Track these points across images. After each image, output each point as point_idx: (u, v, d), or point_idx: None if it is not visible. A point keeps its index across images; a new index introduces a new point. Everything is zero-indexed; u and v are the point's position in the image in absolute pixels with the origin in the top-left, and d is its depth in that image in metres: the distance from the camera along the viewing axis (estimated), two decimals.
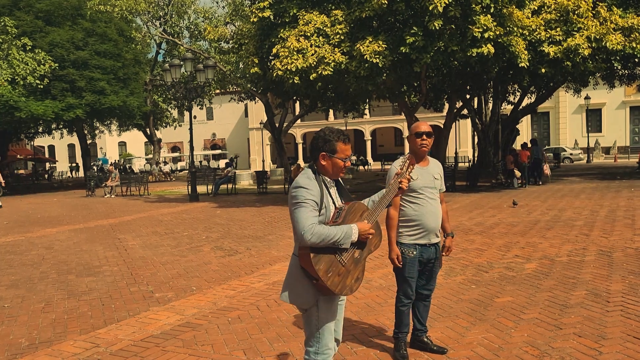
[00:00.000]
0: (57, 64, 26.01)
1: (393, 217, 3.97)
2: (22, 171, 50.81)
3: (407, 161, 3.25)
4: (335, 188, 3.06)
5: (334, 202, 2.95)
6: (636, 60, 19.84)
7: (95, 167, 34.07)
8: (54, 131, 41.12)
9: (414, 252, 3.99)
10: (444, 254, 4.23)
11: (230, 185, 22.99)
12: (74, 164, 54.09)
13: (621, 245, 8.01)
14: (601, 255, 7.46)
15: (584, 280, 6.18)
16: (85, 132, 39.52)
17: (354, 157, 40.06)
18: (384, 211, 3.14)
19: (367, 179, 28.96)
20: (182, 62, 20.07)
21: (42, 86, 25.19)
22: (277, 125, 30.50)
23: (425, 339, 4.34)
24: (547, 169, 21.40)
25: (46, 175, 48.81)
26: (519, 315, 5.07)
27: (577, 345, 4.26)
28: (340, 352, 4.33)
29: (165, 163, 44.32)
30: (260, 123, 41.18)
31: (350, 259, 2.89)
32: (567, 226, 10.05)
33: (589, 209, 12.39)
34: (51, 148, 64.14)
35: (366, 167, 41.75)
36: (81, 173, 47.29)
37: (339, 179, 3.10)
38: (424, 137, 3.97)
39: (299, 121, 40.42)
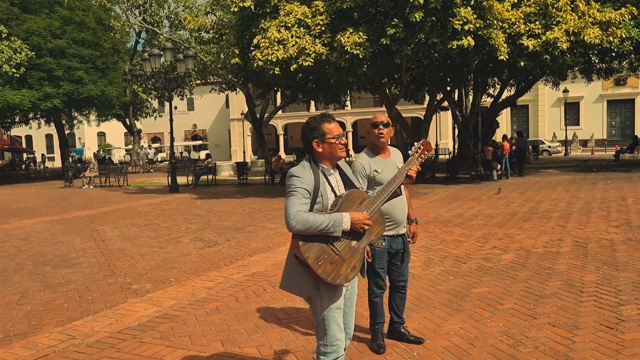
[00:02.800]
0: (33, 53, 25.51)
1: None
2: None
3: (422, 147, 3.16)
4: (339, 176, 3.05)
5: (333, 191, 2.94)
6: (613, 54, 20.12)
7: (70, 158, 33.51)
8: (31, 121, 40.40)
9: (383, 244, 4.02)
10: (410, 240, 4.25)
11: (210, 177, 22.87)
12: (41, 155, 52.91)
13: (596, 237, 8.14)
14: (576, 246, 7.58)
15: (559, 271, 6.28)
16: (64, 122, 38.89)
17: None
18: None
19: None
20: (161, 52, 19.85)
21: (18, 75, 24.70)
22: (258, 116, 30.39)
23: (403, 330, 4.37)
24: (531, 156, 21.59)
25: (23, 166, 48.04)
26: (495, 305, 5.14)
27: (551, 335, 4.33)
28: None
29: (150, 147, 43.55)
30: (242, 114, 40.97)
31: (346, 248, 2.86)
32: (544, 218, 10.19)
33: (566, 201, 12.57)
34: (28, 138, 63.05)
35: (347, 158, 41.77)
36: (58, 163, 46.56)
37: (343, 167, 3.08)
38: (381, 127, 3.97)
39: (280, 112, 40.36)
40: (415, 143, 3.22)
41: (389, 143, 4.16)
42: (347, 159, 3.28)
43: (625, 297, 5.20)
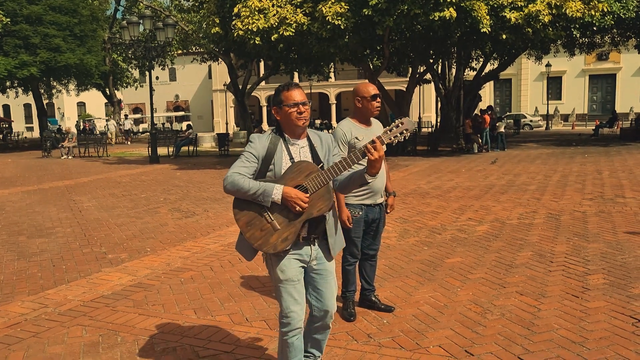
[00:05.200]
0: (8, 19, 24.87)
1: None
2: None
3: (401, 126, 2.70)
4: (308, 148, 2.91)
5: (292, 160, 2.84)
6: (595, 28, 20.16)
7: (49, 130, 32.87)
8: (8, 90, 39.57)
9: (360, 213, 4.04)
10: (386, 211, 4.30)
11: (191, 148, 22.71)
12: (5, 125, 51.45)
13: (569, 209, 8.27)
14: (550, 218, 7.71)
15: (531, 242, 6.39)
16: (42, 91, 38.15)
17: (318, 121, 39.90)
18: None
19: None
20: (140, 20, 19.46)
21: None
22: (240, 87, 30.09)
23: (373, 298, 4.43)
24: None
25: (1, 136, 47.19)
26: (466, 275, 5.22)
27: (518, 303, 4.42)
28: None
29: (127, 117, 42.57)
30: (224, 85, 40.54)
31: (281, 218, 2.79)
32: (521, 190, 10.31)
33: (543, 174, 12.72)
34: (6, 108, 61.82)
35: (330, 130, 41.70)
36: (37, 133, 45.78)
37: (313, 139, 2.95)
38: (379, 99, 3.98)
39: (263, 83, 39.94)
40: (397, 120, 2.77)
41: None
42: (330, 131, 3.21)
43: (593, 267, 5.32)
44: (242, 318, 4.32)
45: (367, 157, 2.69)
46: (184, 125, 41.83)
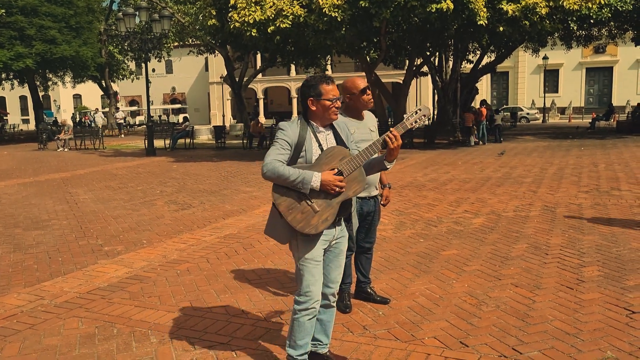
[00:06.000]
0: (3, 10, 24.74)
1: None
2: None
3: (419, 112, 2.97)
4: (332, 136, 3.09)
5: (320, 147, 3.01)
6: (592, 21, 20.15)
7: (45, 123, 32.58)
8: (3, 82, 39.39)
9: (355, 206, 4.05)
10: (382, 203, 4.31)
11: (188, 140, 22.66)
12: (5, 118, 51.05)
13: (565, 202, 8.30)
14: (545, 210, 7.73)
15: (527, 234, 6.41)
16: (37, 83, 37.98)
17: None
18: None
19: None
20: (136, 12, 19.37)
21: None
22: (237, 79, 30.01)
23: (369, 290, 4.44)
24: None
25: None
26: (461, 267, 5.24)
27: (513, 295, 4.44)
28: (286, 303, 4.40)
29: (117, 109, 42.01)
30: (221, 77, 40.42)
31: (320, 201, 2.95)
32: (517, 183, 10.34)
33: (539, 166, 12.74)
34: (1, 100, 61.50)
35: None
36: (33, 126, 45.58)
37: (337, 128, 3.13)
38: (369, 91, 3.98)
39: (260, 76, 39.89)
40: (415, 108, 3.01)
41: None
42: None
43: (588, 259, 5.34)
44: (239, 310, 4.33)
45: (387, 146, 2.94)
46: (181, 117, 41.72)
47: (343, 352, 3.51)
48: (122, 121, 37.31)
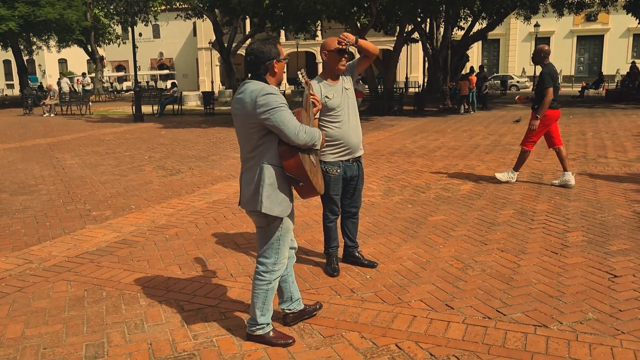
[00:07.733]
0: None
1: None
2: None
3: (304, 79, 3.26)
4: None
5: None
6: None
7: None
8: None
9: (338, 170, 4.05)
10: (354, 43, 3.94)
11: (176, 106, 22.43)
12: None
13: (552, 169, 8.35)
14: (532, 177, 7.79)
15: (514, 200, 6.47)
16: (22, 47, 37.17)
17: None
18: None
19: None
20: None
21: None
22: (226, 45, 29.57)
23: (357, 254, 4.48)
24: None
25: None
26: (449, 232, 5.29)
27: (498, 259, 4.51)
28: None
29: (84, 75, 41.09)
30: (209, 43, 39.78)
31: (315, 160, 3.09)
32: (505, 150, 10.38)
33: None
34: None
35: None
36: (17, 91, 44.82)
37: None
38: (346, 55, 3.94)
39: (249, 41, 39.23)
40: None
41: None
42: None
43: (573, 224, 5.41)
44: (227, 273, 4.36)
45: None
46: (169, 83, 41.13)
47: (331, 315, 3.56)
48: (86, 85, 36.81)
